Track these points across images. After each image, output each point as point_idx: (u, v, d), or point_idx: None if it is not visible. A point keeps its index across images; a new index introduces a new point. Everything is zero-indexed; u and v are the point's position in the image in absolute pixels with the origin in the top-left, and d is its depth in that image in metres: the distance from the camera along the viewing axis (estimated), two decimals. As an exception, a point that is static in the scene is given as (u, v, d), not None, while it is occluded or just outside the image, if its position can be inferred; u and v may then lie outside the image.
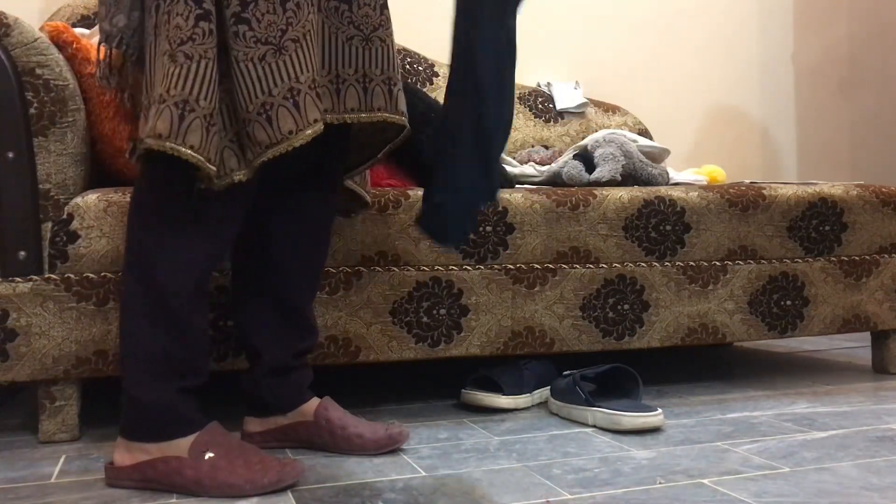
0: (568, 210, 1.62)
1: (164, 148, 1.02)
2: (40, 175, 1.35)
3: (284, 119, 1.06)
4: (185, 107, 1.02)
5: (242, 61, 1.06)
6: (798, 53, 3.06)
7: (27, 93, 1.33)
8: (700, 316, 1.72)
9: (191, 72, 1.03)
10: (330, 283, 1.48)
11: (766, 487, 1.10)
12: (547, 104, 2.57)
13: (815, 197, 1.81)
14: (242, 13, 1.06)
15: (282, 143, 1.06)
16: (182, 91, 1.03)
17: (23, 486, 1.14)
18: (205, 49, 1.04)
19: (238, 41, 1.06)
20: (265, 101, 1.06)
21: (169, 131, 1.02)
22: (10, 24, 1.32)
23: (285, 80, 1.07)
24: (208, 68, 1.04)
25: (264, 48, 1.06)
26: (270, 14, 1.07)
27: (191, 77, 1.03)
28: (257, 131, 1.06)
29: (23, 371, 1.34)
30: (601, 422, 1.43)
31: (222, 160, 1.08)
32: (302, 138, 1.07)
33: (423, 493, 1.09)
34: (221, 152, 1.08)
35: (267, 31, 1.07)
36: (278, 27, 1.07)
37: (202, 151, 1.03)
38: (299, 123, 1.07)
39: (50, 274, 1.36)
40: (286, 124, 1.06)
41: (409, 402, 1.67)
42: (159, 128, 1.02)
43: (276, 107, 1.06)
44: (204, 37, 1.04)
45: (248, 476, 1.08)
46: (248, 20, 1.06)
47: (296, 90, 1.07)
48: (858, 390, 1.74)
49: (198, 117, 1.03)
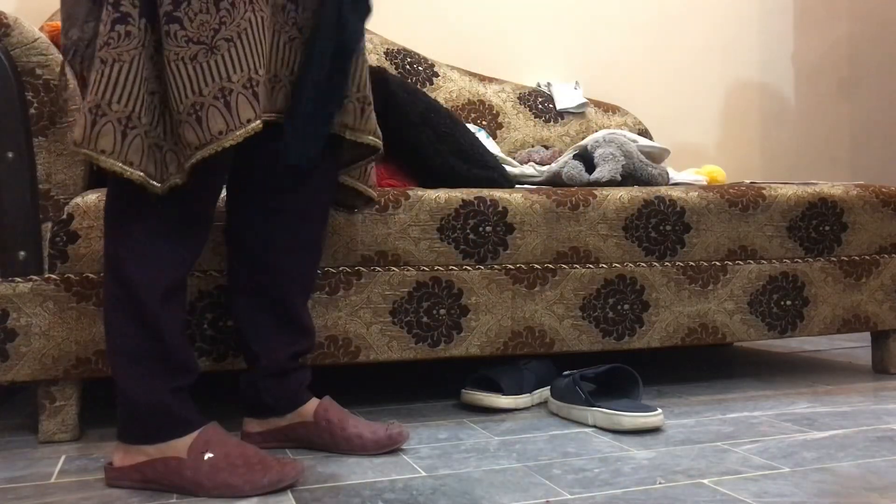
0: (568, 210, 1.62)
1: (80, 154, 1.04)
2: (40, 175, 1.35)
3: (214, 119, 1.05)
4: (97, 111, 1.03)
5: (174, 61, 1.05)
6: (798, 53, 3.06)
7: (27, 93, 1.33)
8: (700, 316, 1.72)
9: (104, 76, 1.03)
10: (330, 283, 1.48)
11: (766, 487, 1.10)
12: (547, 104, 2.57)
13: (814, 197, 1.81)
14: (174, 12, 1.05)
15: (211, 143, 1.06)
16: (95, 96, 1.03)
17: (23, 486, 1.14)
18: (119, 52, 1.04)
19: (169, 41, 1.05)
20: (195, 101, 1.05)
21: (82, 137, 1.03)
22: (10, 24, 1.32)
23: (216, 80, 1.06)
24: (122, 71, 1.04)
25: (196, 48, 1.05)
26: (203, 14, 1.06)
27: (103, 81, 1.03)
28: (187, 132, 1.05)
29: (23, 371, 1.34)
30: (601, 422, 1.43)
31: (164, 163, 1.08)
32: (232, 139, 1.06)
33: (423, 493, 1.09)
34: (165, 155, 1.08)
35: (199, 31, 1.05)
36: (211, 26, 1.06)
37: (117, 155, 1.03)
38: (230, 123, 1.06)
39: (50, 274, 1.36)
40: (216, 124, 1.06)
41: (409, 402, 1.67)
42: (75, 135, 1.04)
43: (207, 107, 1.05)
44: (119, 39, 1.04)
45: (247, 476, 1.08)
46: (180, 19, 1.05)
47: (227, 90, 1.06)
48: (858, 390, 1.74)
49: (110, 121, 1.03)
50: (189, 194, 1.10)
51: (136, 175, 1.05)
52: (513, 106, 2.52)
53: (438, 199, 1.53)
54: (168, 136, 1.09)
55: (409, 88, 1.68)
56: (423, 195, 1.53)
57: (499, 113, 2.49)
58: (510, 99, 2.53)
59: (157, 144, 1.08)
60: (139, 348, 1.11)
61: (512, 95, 2.53)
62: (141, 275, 1.09)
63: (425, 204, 1.52)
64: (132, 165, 1.04)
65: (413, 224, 1.52)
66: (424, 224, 1.52)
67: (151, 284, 1.10)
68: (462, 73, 2.50)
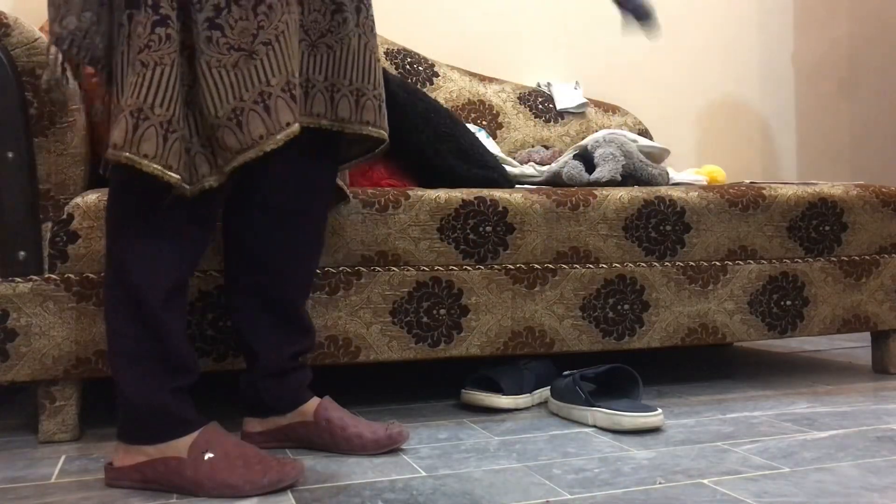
0: (568, 210, 1.62)
1: (120, 158, 1.03)
2: (40, 175, 1.35)
3: (255, 124, 1.06)
4: (139, 115, 1.02)
5: (215, 67, 1.05)
6: (798, 53, 3.06)
7: (27, 93, 1.33)
8: (700, 316, 1.72)
9: (146, 79, 1.03)
10: (330, 283, 1.48)
11: (766, 487, 1.10)
12: (547, 104, 2.57)
13: (815, 197, 1.81)
14: (216, 19, 1.05)
15: (252, 147, 1.06)
16: (137, 100, 1.02)
17: (23, 486, 1.14)
18: (160, 55, 1.03)
19: (211, 46, 1.05)
20: (236, 107, 1.05)
21: (124, 141, 1.03)
22: (10, 24, 1.32)
23: (256, 85, 1.06)
24: (164, 74, 1.03)
25: (237, 55, 1.06)
26: (243, 21, 1.06)
27: (146, 84, 1.03)
28: (227, 137, 1.06)
29: (23, 371, 1.34)
30: (601, 422, 1.43)
31: (194, 166, 1.08)
32: (273, 143, 1.07)
33: (423, 493, 1.09)
34: (194, 158, 1.08)
35: (240, 38, 1.06)
36: (250, 32, 1.06)
37: (158, 160, 1.03)
38: (270, 128, 1.06)
39: (50, 274, 1.36)
40: (257, 129, 1.06)
41: (409, 402, 1.67)
42: (115, 138, 1.03)
43: (247, 111, 1.05)
44: (160, 42, 1.03)
45: (247, 476, 1.08)
46: (222, 27, 1.05)
47: (267, 94, 1.07)
48: (858, 390, 1.74)
49: (152, 125, 1.03)
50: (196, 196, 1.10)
51: (174, 178, 1.04)
52: (513, 106, 2.52)
53: (438, 199, 1.53)
54: (195, 138, 1.08)
55: (409, 88, 1.68)
56: (423, 195, 1.53)
57: (499, 113, 2.49)
58: (510, 99, 2.53)
59: (185, 147, 1.08)
60: (140, 349, 1.11)
61: (512, 95, 2.53)
62: (143, 276, 1.09)
63: (425, 204, 1.52)
64: (171, 169, 1.04)
65: (413, 224, 1.52)
66: (424, 224, 1.52)
67: (153, 285, 1.10)
68: (462, 73, 2.50)
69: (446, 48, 2.59)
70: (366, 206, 1.49)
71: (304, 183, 1.27)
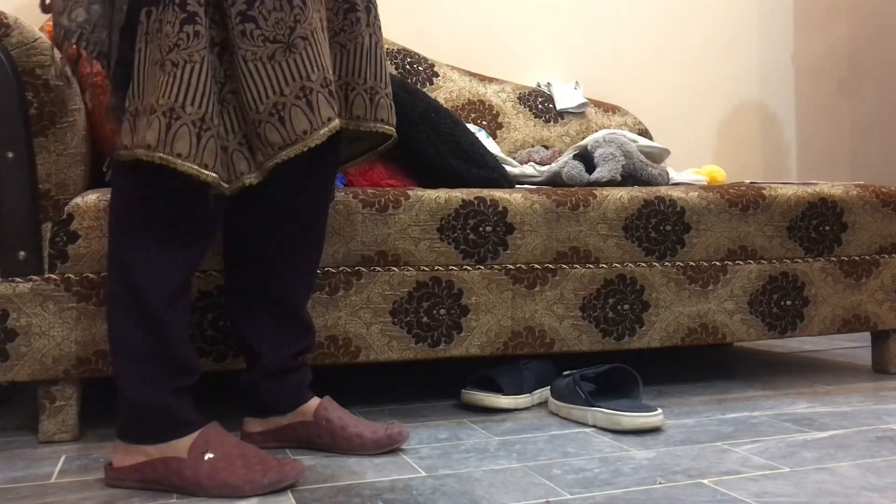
0: (568, 210, 1.62)
1: (154, 158, 1.02)
2: (40, 175, 1.35)
3: (298, 119, 1.06)
4: (171, 115, 1.02)
5: (251, 61, 1.05)
6: (798, 53, 3.06)
7: (27, 93, 1.33)
8: (700, 316, 1.72)
9: (176, 78, 1.02)
10: (330, 283, 1.48)
11: (766, 487, 1.10)
12: (547, 104, 2.57)
13: (815, 197, 1.81)
14: (248, 11, 1.05)
15: (296, 143, 1.06)
16: (169, 99, 1.02)
17: (23, 486, 1.14)
18: (189, 53, 1.03)
19: (245, 40, 1.05)
20: (277, 102, 1.05)
21: (157, 141, 1.02)
22: (10, 24, 1.32)
23: (297, 79, 1.06)
24: (194, 72, 1.03)
25: (273, 46, 1.05)
26: (277, 11, 1.06)
27: (176, 84, 1.02)
28: (269, 132, 1.05)
29: (23, 371, 1.34)
30: (601, 422, 1.43)
31: (231, 163, 1.08)
32: (317, 138, 1.07)
33: (423, 493, 1.09)
34: (231, 155, 1.08)
35: (275, 29, 1.05)
36: (287, 24, 1.06)
37: (192, 158, 1.03)
38: (314, 123, 1.06)
39: (50, 274, 1.36)
40: (300, 124, 1.06)
41: (409, 402, 1.67)
42: (149, 139, 1.02)
43: (289, 106, 1.05)
44: (189, 40, 1.03)
45: (247, 476, 1.08)
46: (255, 18, 1.05)
47: (308, 89, 1.06)
48: (858, 390, 1.74)
49: (184, 124, 1.02)
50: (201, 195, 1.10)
51: (211, 177, 1.04)
52: (513, 106, 2.52)
53: (438, 199, 1.53)
54: (232, 136, 1.08)
55: (409, 88, 1.68)
56: (423, 195, 1.53)
57: (499, 113, 2.49)
58: (510, 99, 2.53)
59: (222, 146, 1.07)
60: (141, 349, 1.11)
61: (512, 95, 2.53)
62: (146, 276, 1.09)
63: (425, 204, 1.52)
64: (207, 168, 1.04)
65: (413, 224, 1.52)
66: (424, 224, 1.52)
67: (155, 285, 1.10)
68: (462, 73, 2.50)
69: (446, 48, 2.59)
70: (366, 206, 1.49)
71: (306, 181, 1.27)
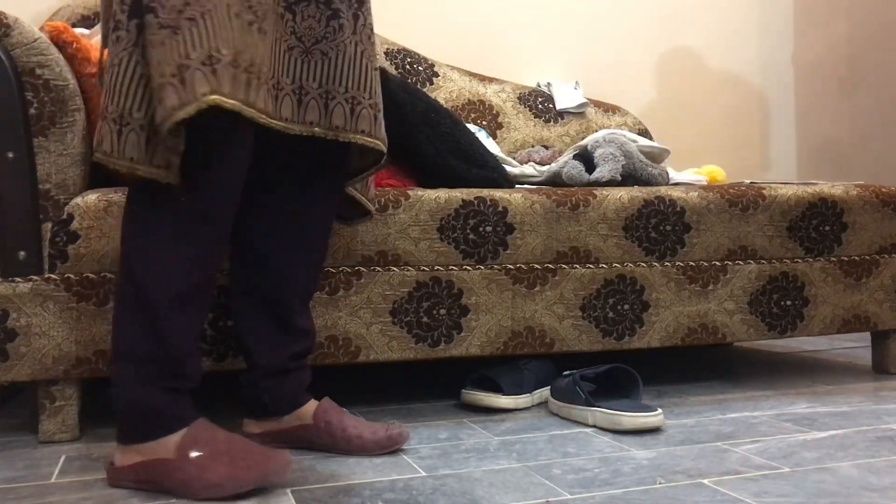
0: (568, 210, 1.62)
1: (110, 164, 1.05)
2: (40, 175, 1.35)
3: (170, 97, 1.02)
4: (121, 121, 1.05)
5: (149, 47, 1.05)
6: (798, 53, 3.06)
7: (27, 93, 1.33)
8: (700, 316, 1.72)
9: (117, 82, 1.05)
10: (330, 283, 1.48)
11: (766, 487, 1.10)
12: (547, 104, 2.57)
13: (815, 197, 1.81)
14: (151, 3, 1.05)
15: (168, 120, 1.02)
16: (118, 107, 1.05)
17: (23, 486, 1.14)
18: (113, 57, 1.06)
19: (147, 31, 1.05)
20: (159, 83, 1.03)
21: (111, 148, 1.05)
22: (10, 24, 1.32)
23: (175, 59, 1.03)
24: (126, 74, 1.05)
25: (165, 32, 1.04)
26: None
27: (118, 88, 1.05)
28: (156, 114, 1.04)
29: (23, 371, 1.34)
30: (601, 422, 1.43)
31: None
32: (185, 113, 1.02)
33: (423, 493, 1.09)
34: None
35: (168, 15, 1.04)
36: (176, 9, 1.05)
37: (142, 163, 1.05)
38: (183, 98, 1.02)
39: (50, 274, 1.36)
40: (171, 101, 1.02)
41: (409, 402, 1.67)
42: (105, 145, 1.05)
43: (165, 86, 1.03)
44: (115, 45, 1.07)
45: (231, 474, 1.06)
46: (155, 9, 1.05)
47: (185, 66, 1.03)
48: (858, 390, 1.74)
49: (133, 129, 1.05)
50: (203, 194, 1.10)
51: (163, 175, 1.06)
52: (513, 106, 2.52)
53: (438, 199, 1.53)
54: None
55: (409, 88, 1.68)
56: (423, 195, 1.53)
57: (499, 113, 2.49)
58: (510, 99, 2.53)
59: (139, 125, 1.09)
60: (135, 347, 1.10)
61: (512, 95, 2.53)
62: (150, 276, 1.09)
63: (425, 204, 1.52)
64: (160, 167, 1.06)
65: (413, 224, 1.52)
66: (424, 224, 1.52)
67: (161, 285, 1.09)
68: (462, 73, 2.50)
69: (446, 48, 2.59)
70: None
71: (306, 188, 1.27)
